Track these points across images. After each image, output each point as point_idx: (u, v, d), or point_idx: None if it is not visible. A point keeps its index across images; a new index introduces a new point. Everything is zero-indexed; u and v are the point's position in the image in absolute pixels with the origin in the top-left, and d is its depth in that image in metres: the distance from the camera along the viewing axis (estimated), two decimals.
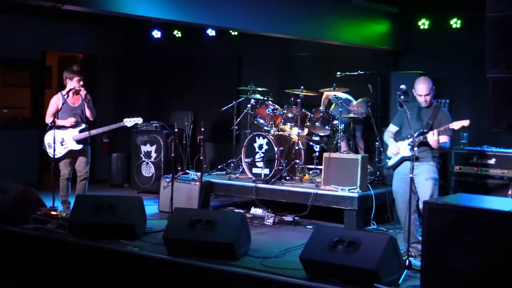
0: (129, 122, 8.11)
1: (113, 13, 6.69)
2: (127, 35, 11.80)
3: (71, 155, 8.04)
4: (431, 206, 5.15)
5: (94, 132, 8.14)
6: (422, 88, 6.49)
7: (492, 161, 7.72)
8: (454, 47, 9.07)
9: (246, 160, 8.61)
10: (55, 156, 7.81)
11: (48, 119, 8.00)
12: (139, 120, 8.17)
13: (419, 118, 6.53)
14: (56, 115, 7.83)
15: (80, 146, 8.00)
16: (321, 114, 8.55)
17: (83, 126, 8.05)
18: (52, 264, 6.63)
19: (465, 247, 4.86)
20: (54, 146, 7.71)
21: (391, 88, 8.76)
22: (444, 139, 6.36)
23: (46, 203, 7.66)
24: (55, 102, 8.10)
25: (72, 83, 8.05)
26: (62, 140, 7.96)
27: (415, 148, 6.15)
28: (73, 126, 7.99)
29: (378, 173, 8.49)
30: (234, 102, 9.34)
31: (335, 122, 8.47)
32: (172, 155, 7.60)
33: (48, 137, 7.95)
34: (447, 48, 9.13)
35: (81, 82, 8.08)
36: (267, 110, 8.85)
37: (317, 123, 8.52)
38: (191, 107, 11.02)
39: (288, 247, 6.57)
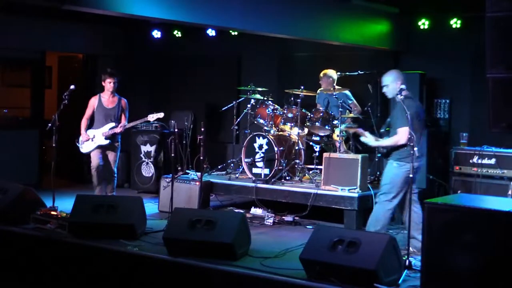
0: (151, 117, 8.60)
1: (113, 13, 6.69)
2: (127, 35, 11.80)
3: (101, 149, 8.55)
4: (431, 206, 5.14)
5: (118, 129, 8.52)
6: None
7: (492, 161, 7.72)
8: (454, 47, 9.07)
9: (246, 160, 8.61)
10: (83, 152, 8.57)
11: (84, 121, 8.57)
12: (160, 115, 8.61)
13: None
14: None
15: (107, 141, 8.47)
16: (321, 114, 8.54)
17: (114, 124, 8.53)
18: (52, 264, 6.63)
19: (465, 247, 4.87)
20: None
21: None
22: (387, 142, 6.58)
23: (46, 203, 7.66)
24: (92, 103, 8.62)
25: (105, 84, 8.57)
26: (93, 137, 8.50)
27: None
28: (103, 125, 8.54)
29: (378, 173, 8.49)
30: (234, 102, 9.34)
31: (335, 122, 8.47)
32: (172, 155, 7.60)
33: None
34: (447, 48, 9.13)
35: (112, 84, 8.55)
36: (267, 110, 8.84)
37: (317, 123, 8.51)
38: (191, 107, 11.02)
39: (288, 247, 6.57)
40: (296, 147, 8.60)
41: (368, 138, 6.78)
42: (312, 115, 8.61)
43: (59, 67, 12.21)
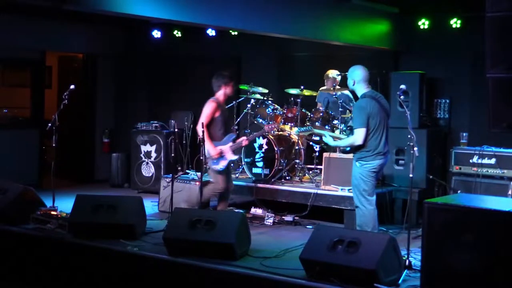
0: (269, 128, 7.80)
1: (113, 13, 6.69)
2: (127, 35, 11.80)
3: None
4: (431, 206, 5.14)
5: (245, 142, 7.63)
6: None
7: (492, 161, 7.72)
8: (454, 47, 9.06)
9: (246, 160, 8.61)
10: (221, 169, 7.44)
11: (201, 130, 7.20)
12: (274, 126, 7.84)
13: None
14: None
15: (236, 156, 7.58)
16: (321, 114, 8.55)
17: (232, 135, 7.66)
18: (52, 264, 6.63)
19: (465, 246, 4.87)
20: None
21: (391, 88, 8.76)
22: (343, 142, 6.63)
23: (46, 203, 7.67)
24: (214, 111, 7.38)
25: (225, 88, 7.52)
26: (220, 152, 7.41)
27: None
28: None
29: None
30: (234, 102, 9.34)
31: (335, 122, 8.47)
32: (172, 155, 7.59)
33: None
34: (447, 48, 9.13)
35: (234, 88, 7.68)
36: (267, 110, 8.85)
37: (317, 123, 8.52)
38: (191, 107, 11.00)
39: (288, 247, 6.57)
40: (296, 147, 8.60)
41: (327, 138, 6.80)
42: (312, 115, 8.61)
43: (59, 67, 12.21)
